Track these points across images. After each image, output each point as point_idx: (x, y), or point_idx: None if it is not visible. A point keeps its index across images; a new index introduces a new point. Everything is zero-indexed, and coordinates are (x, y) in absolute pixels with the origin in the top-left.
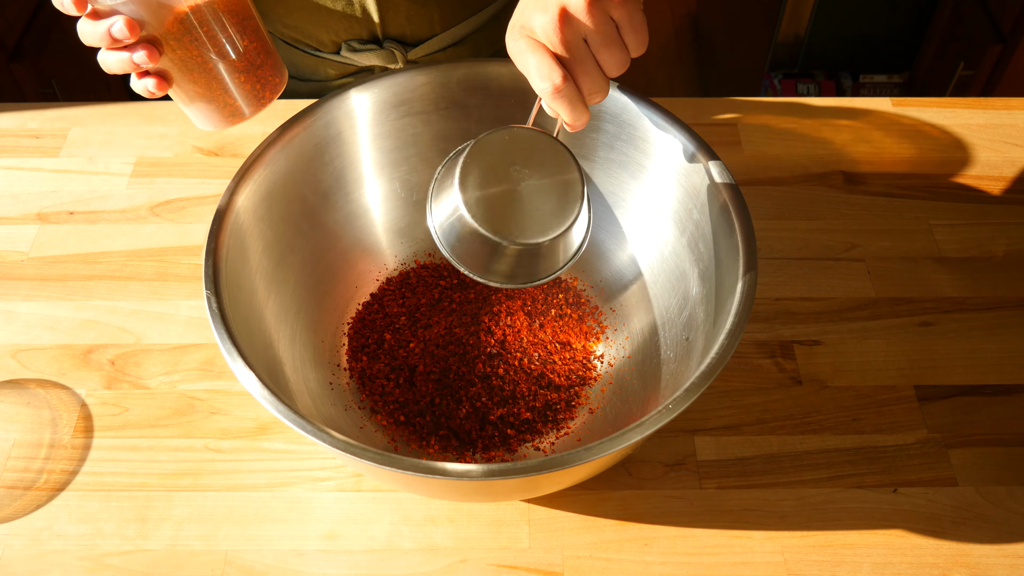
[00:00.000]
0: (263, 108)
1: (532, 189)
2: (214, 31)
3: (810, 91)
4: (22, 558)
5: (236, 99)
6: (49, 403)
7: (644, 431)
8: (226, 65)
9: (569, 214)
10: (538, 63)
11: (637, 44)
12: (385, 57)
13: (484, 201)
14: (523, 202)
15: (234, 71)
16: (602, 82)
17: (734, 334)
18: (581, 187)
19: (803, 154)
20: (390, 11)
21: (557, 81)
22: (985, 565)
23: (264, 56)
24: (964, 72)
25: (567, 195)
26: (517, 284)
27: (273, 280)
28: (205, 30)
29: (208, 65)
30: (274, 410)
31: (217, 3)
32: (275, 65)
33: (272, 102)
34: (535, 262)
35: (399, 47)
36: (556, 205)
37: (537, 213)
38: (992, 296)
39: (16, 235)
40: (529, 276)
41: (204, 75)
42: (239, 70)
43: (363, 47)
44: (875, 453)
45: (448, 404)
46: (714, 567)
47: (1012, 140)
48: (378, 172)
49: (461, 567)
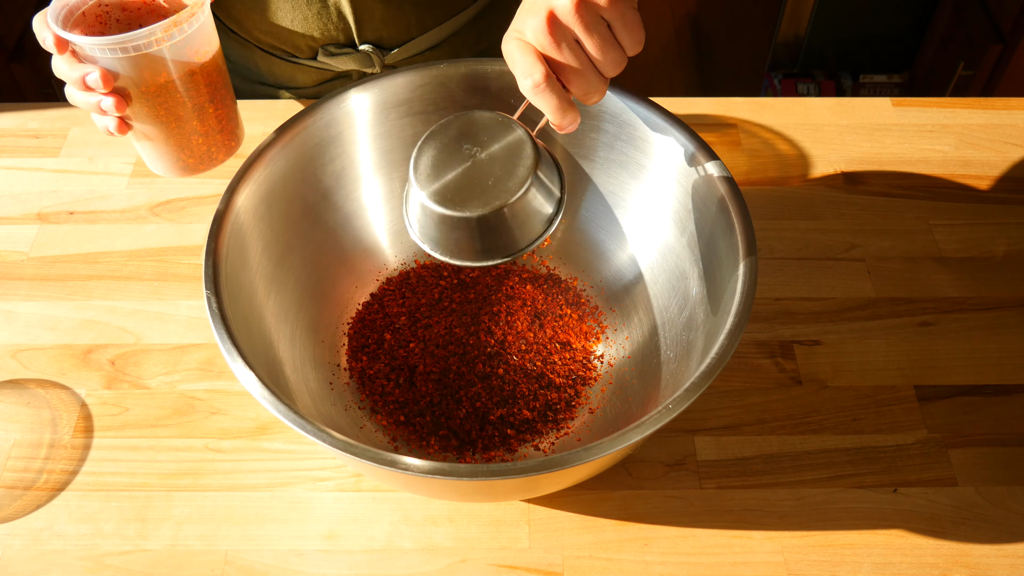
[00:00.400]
0: (213, 167)
1: (484, 161)
2: (184, 99)
3: (810, 91)
4: (22, 558)
5: (190, 156)
6: (49, 403)
7: (644, 431)
8: (188, 127)
9: (524, 172)
10: (522, 61)
11: (632, 43)
12: (362, 61)
13: (440, 184)
14: (477, 174)
15: (194, 133)
16: (597, 83)
17: (734, 334)
18: (530, 144)
19: (803, 154)
20: (365, 14)
21: (538, 78)
22: (985, 565)
23: (226, 122)
24: (964, 72)
25: (519, 155)
26: (516, 253)
27: (273, 280)
28: (178, 96)
29: (171, 125)
30: (274, 410)
31: (196, 74)
32: (234, 130)
33: (224, 163)
34: (516, 225)
35: (376, 51)
36: (510, 167)
37: (492, 179)
38: (992, 296)
39: (16, 235)
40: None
41: (164, 131)
42: (199, 133)
43: (339, 51)
44: (875, 453)
45: (448, 404)
46: (714, 567)
47: (1012, 140)
48: (378, 172)
49: (461, 567)
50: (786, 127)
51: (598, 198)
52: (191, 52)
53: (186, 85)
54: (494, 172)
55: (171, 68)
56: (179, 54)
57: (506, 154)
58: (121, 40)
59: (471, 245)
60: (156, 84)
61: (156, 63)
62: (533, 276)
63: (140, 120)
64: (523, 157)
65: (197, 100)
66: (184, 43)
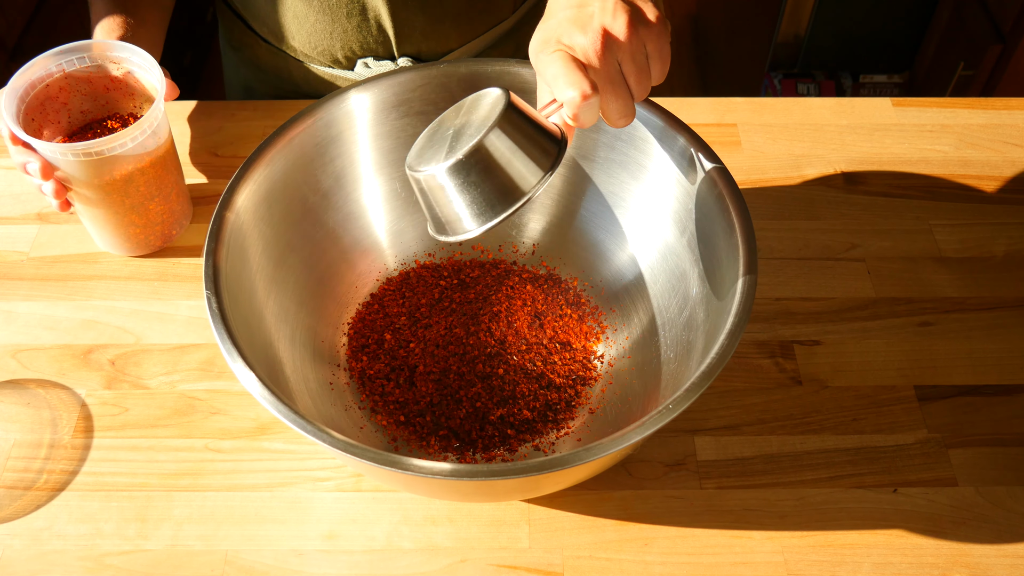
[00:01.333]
0: (151, 251)
1: (463, 125)
2: (125, 197)
3: (810, 91)
4: (22, 558)
5: (126, 241)
6: (49, 403)
7: (644, 431)
8: (126, 219)
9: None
10: (569, 74)
11: (660, 74)
12: None
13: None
14: (456, 135)
15: (131, 224)
16: (631, 105)
17: (734, 334)
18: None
19: (803, 154)
20: (405, 28)
21: (588, 91)
22: (985, 565)
23: (167, 215)
24: (964, 72)
25: (494, 107)
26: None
27: (273, 280)
28: (119, 196)
29: (108, 216)
30: (274, 410)
31: (141, 173)
32: (177, 220)
33: (162, 248)
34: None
35: (414, 64)
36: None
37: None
38: (992, 296)
39: (16, 235)
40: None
41: (102, 219)
42: (136, 224)
43: (378, 64)
44: (875, 453)
45: (448, 404)
46: (714, 567)
47: (1012, 140)
48: (378, 172)
49: (461, 567)
50: (786, 127)
51: (598, 198)
52: (139, 155)
53: (128, 186)
54: (469, 129)
55: (117, 168)
56: (127, 158)
57: (485, 112)
58: (84, 147)
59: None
60: (100, 183)
61: (105, 164)
62: (533, 276)
63: (81, 204)
64: (496, 106)
65: (136, 198)
66: (138, 147)
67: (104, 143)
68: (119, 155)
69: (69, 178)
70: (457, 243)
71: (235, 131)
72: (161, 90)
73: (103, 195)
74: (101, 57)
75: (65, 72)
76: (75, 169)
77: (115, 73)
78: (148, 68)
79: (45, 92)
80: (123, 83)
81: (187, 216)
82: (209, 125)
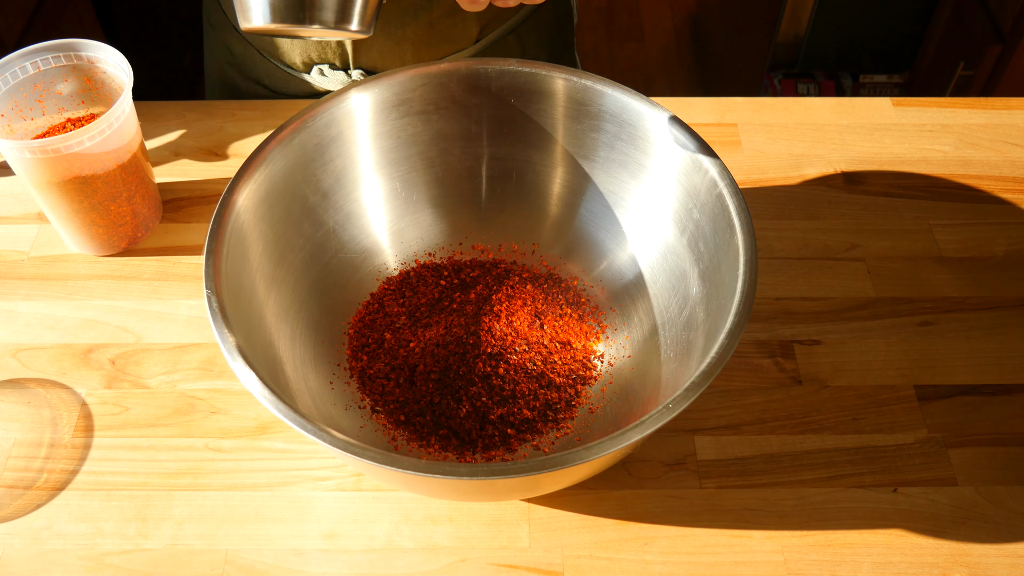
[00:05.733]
0: (115, 252)
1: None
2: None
3: (810, 91)
4: (22, 558)
5: (90, 240)
6: (49, 402)
7: (644, 431)
8: (88, 219)
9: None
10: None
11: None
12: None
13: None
14: None
15: (93, 224)
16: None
17: (734, 334)
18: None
19: (803, 154)
20: (363, 44)
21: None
22: (985, 565)
23: (130, 216)
24: (964, 72)
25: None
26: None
27: (273, 280)
28: (78, 195)
29: (70, 215)
30: (274, 410)
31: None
32: (142, 222)
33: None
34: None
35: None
36: None
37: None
38: (992, 296)
39: (16, 235)
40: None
41: (64, 217)
42: (98, 224)
43: (333, 73)
44: (875, 453)
45: (448, 404)
46: (714, 567)
47: (1012, 140)
48: (378, 172)
49: (461, 567)
50: (786, 127)
51: (598, 198)
52: (98, 155)
53: (85, 184)
54: None
55: (76, 167)
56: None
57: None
58: (40, 144)
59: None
60: (59, 181)
61: (62, 163)
62: (533, 276)
63: (43, 202)
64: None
65: (95, 199)
66: (97, 147)
67: (60, 140)
68: (77, 153)
69: (28, 176)
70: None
71: (235, 131)
72: (127, 89)
73: (61, 194)
74: (76, 56)
75: (41, 71)
76: (33, 167)
77: (89, 72)
78: (118, 66)
79: (19, 90)
80: (100, 83)
81: (155, 219)
82: (209, 125)
